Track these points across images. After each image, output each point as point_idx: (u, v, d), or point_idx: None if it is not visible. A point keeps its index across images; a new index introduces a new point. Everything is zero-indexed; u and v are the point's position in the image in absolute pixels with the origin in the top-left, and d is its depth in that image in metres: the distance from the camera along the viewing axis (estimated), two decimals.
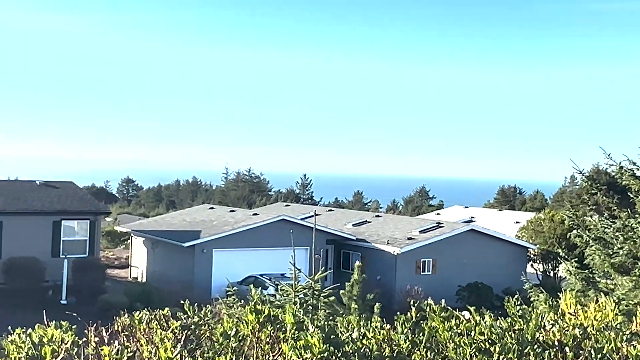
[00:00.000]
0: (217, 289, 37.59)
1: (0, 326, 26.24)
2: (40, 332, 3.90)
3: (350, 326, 4.67)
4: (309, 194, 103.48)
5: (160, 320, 4.22)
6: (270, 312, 4.05)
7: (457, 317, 4.52)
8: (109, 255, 51.20)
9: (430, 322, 4.51)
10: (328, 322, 6.33)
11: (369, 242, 41.96)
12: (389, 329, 4.49)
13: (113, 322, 5.28)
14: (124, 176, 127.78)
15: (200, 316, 4.32)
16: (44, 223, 37.15)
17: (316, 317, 8.29)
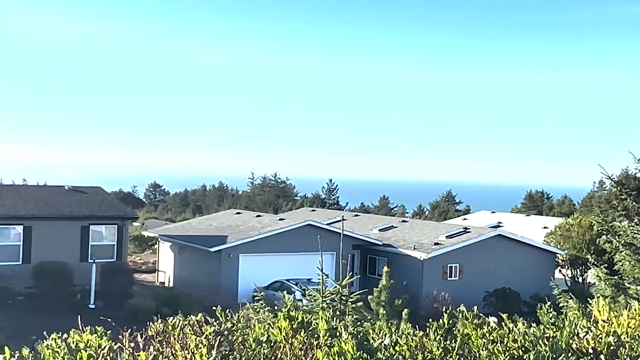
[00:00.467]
0: (243, 293, 37.66)
1: (32, 330, 26.43)
2: (76, 337, 3.91)
3: (381, 332, 4.65)
4: (335, 199, 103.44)
5: (193, 326, 4.23)
6: (303, 319, 4.05)
7: (490, 323, 4.48)
8: (136, 260, 51.52)
9: (462, 329, 4.47)
10: (356, 327, 6.31)
11: (396, 247, 41.83)
12: (422, 336, 4.46)
13: (143, 327, 5.30)
14: (151, 181, 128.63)
15: (233, 322, 4.32)
16: (73, 228, 37.50)
17: (344, 323, 8.28)
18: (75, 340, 3.93)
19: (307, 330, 4.04)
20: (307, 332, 4.04)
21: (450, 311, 5.06)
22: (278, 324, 4.07)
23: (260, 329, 4.09)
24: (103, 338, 3.96)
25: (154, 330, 4.31)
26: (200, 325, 4.24)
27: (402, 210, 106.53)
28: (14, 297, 33.97)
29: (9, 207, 36.90)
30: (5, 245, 36.28)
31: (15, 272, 35.22)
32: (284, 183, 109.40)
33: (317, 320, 4.12)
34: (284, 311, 4.14)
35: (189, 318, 4.44)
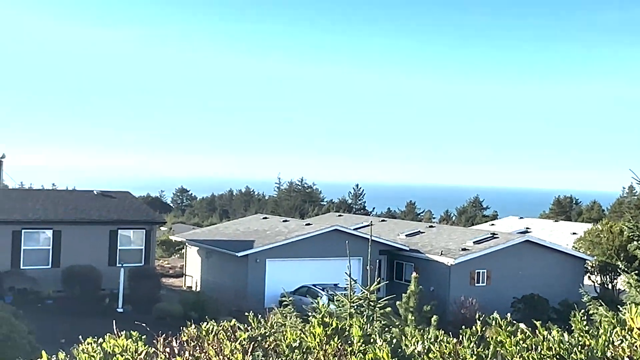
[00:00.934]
0: (270, 298, 37.73)
1: (61, 334, 26.60)
2: (112, 342, 3.94)
3: (414, 339, 4.63)
4: (362, 204, 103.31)
5: (227, 331, 4.23)
6: (337, 325, 4.03)
7: (523, 331, 4.44)
8: (163, 264, 51.81)
9: (495, 336, 4.44)
10: (384, 334, 6.28)
11: (423, 253, 41.68)
12: (455, 343, 4.43)
13: (172, 332, 5.31)
14: (178, 186, 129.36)
15: (266, 328, 4.32)
16: (101, 232, 37.80)
17: (372, 329, 8.23)
18: (111, 345, 3.95)
19: (341, 337, 4.03)
20: (341, 339, 4.03)
21: (483, 318, 5.02)
22: (312, 330, 4.06)
23: (292, 335, 4.10)
24: (138, 343, 3.97)
25: (187, 335, 4.32)
26: (234, 330, 4.25)
27: (429, 215, 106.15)
28: (43, 300, 34.30)
29: (39, 211, 37.30)
30: (36, 250, 36.66)
31: (44, 276, 35.59)
32: (310, 188, 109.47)
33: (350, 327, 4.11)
34: (318, 317, 4.14)
35: (222, 323, 4.44)
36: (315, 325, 4.09)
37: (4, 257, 35.49)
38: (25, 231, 36.29)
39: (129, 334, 4.23)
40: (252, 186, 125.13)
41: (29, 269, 35.81)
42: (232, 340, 4.04)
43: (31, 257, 36.33)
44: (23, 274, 35.37)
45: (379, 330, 10.89)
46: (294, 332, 4.15)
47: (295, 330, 4.19)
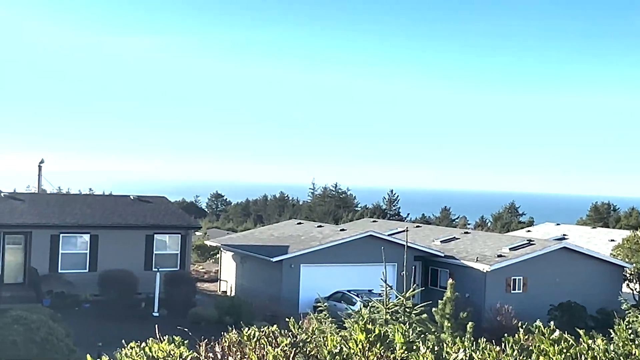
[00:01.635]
0: (304, 303, 37.74)
1: (98, 337, 26.78)
2: (155, 346, 3.95)
3: (455, 346, 4.58)
4: (396, 209, 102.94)
5: (269, 337, 4.23)
6: (380, 331, 4.00)
7: (566, 339, 4.37)
8: (198, 269, 52.10)
9: (538, 344, 4.37)
10: (419, 340, 6.22)
11: (458, 259, 41.41)
12: (499, 351, 4.37)
13: (205, 336, 5.31)
14: (212, 191, 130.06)
15: (307, 333, 4.31)
16: (137, 237, 38.12)
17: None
18: (155, 350, 3.96)
19: (384, 344, 4.00)
20: (384, 345, 4.00)
21: (526, 326, 4.96)
22: (354, 337, 4.03)
23: (333, 341, 4.08)
24: (181, 347, 3.98)
25: (228, 341, 4.32)
26: (276, 336, 4.24)
27: (464, 221, 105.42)
28: (80, 304, 34.68)
29: (77, 216, 37.73)
30: (73, 254, 37.07)
31: (82, 280, 35.98)
32: (344, 193, 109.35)
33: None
34: (361, 324, 4.11)
35: (263, 329, 4.44)
36: (358, 332, 4.06)
37: (43, 261, 35.96)
38: (63, 235, 36.73)
39: (172, 338, 4.24)
40: (286, 191, 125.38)
41: (66, 273, 36.25)
42: (274, 346, 4.03)
43: (69, 261, 36.76)
44: (61, 278, 35.80)
45: (415, 336, 10.82)
46: (335, 338, 4.14)
47: (336, 336, 4.17)
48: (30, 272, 35.78)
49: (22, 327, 21.98)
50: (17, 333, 21.35)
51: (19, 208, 37.52)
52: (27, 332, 21.94)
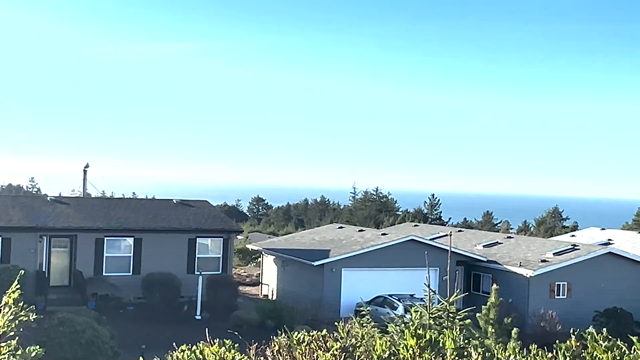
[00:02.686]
0: (345, 308, 37.69)
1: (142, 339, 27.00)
2: (207, 349, 3.97)
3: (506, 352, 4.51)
4: (437, 213, 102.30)
5: (318, 341, 4.21)
6: (431, 337, 3.97)
7: (619, 346, 4.28)
8: (240, 273, 52.32)
9: (591, 351, 4.29)
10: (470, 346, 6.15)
11: (501, 264, 40.98)
12: (550, 358, 4.30)
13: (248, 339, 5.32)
14: (254, 195, 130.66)
15: (357, 338, 4.29)
16: (180, 240, 38.44)
17: None
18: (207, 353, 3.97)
19: (434, 349, 3.96)
20: (434, 351, 3.96)
21: (579, 332, 4.87)
22: (404, 341, 4.00)
23: (382, 346, 4.05)
24: (232, 351, 3.99)
25: (278, 345, 4.32)
26: (326, 340, 4.22)
27: (507, 226, 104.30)
28: (124, 307, 35.07)
29: (121, 219, 38.18)
30: (117, 257, 37.53)
31: (126, 283, 36.40)
32: (385, 197, 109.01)
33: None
34: (412, 329, 4.08)
35: (313, 333, 4.42)
36: (408, 337, 4.03)
37: (88, 264, 36.46)
38: (107, 239, 37.21)
39: (222, 341, 4.25)
40: (327, 195, 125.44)
41: (110, 276, 36.70)
42: (324, 350, 4.01)
43: (113, 264, 37.22)
44: (105, 281, 36.26)
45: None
46: (384, 343, 4.11)
47: (384, 341, 4.14)
48: (76, 275, 36.30)
49: (68, 329, 22.31)
50: (63, 335, 21.69)
51: (64, 212, 38.10)
52: (72, 334, 22.27)
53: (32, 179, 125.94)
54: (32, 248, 35.49)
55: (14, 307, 3.67)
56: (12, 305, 3.67)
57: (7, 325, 3.64)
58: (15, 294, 3.69)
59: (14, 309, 3.67)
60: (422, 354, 3.98)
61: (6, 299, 3.71)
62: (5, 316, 3.64)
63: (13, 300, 3.66)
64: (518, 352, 4.56)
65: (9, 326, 3.65)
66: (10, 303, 3.65)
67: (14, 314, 3.64)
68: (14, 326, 3.67)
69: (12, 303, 3.66)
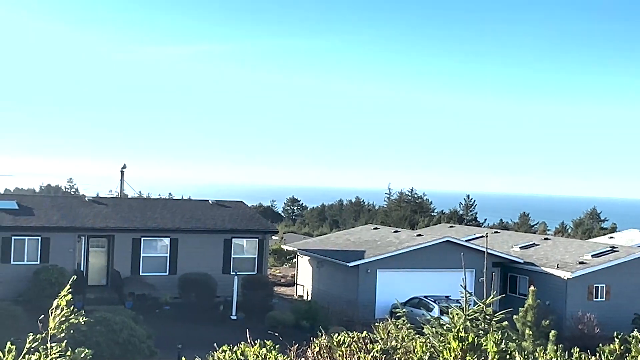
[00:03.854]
0: (380, 309, 37.59)
1: (178, 338, 27.11)
2: (249, 350, 3.97)
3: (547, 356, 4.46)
4: (473, 214, 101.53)
5: (359, 342, 4.20)
6: (474, 340, 3.94)
7: None
8: (275, 273, 52.45)
9: (635, 355, 4.22)
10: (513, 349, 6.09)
11: (538, 266, 40.57)
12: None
13: (284, 340, 5.31)
14: (289, 196, 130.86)
15: (397, 340, 4.27)
16: (216, 241, 38.64)
17: None
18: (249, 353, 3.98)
19: (477, 352, 3.93)
20: (477, 354, 3.93)
21: (622, 336, 4.80)
22: (447, 344, 3.97)
23: (422, 347, 4.03)
24: (272, 352, 3.99)
25: (318, 346, 4.31)
26: (366, 342, 4.21)
27: (544, 227, 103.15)
28: (161, 306, 35.34)
29: (157, 220, 38.50)
30: (154, 257, 37.83)
31: (162, 283, 36.68)
32: (420, 198, 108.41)
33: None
34: (454, 331, 4.05)
35: (352, 334, 4.41)
36: (451, 339, 4.00)
37: (125, 264, 36.82)
38: (144, 239, 37.53)
39: (263, 342, 4.26)
40: (362, 196, 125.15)
41: (147, 276, 37.01)
42: (365, 352, 4.00)
43: (150, 264, 37.53)
44: (142, 280, 36.58)
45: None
46: (425, 345, 4.08)
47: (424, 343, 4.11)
48: (113, 275, 36.68)
49: (105, 329, 22.53)
50: (100, 334, 21.90)
51: (102, 212, 38.53)
52: (109, 333, 22.49)
53: (70, 179, 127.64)
54: (70, 248, 35.93)
55: (65, 309, 3.72)
56: (64, 307, 3.72)
57: (57, 327, 3.69)
58: (67, 297, 3.74)
59: (66, 311, 3.72)
60: (465, 356, 3.95)
61: (58, 301, 3.77)
62: (57, 318, 3.69)
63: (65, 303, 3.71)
64: (560, 356, 4.50)
65: (60, 328, 3.70)
66: (63, 305, 3.70)
67: (65, 316, 3.69)
68: (64, 328, 3.71)
69: (64, 305, 3.70)
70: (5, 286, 33.47)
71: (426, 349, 4.12)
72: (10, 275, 34.15)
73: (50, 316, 3.86)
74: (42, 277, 33.18)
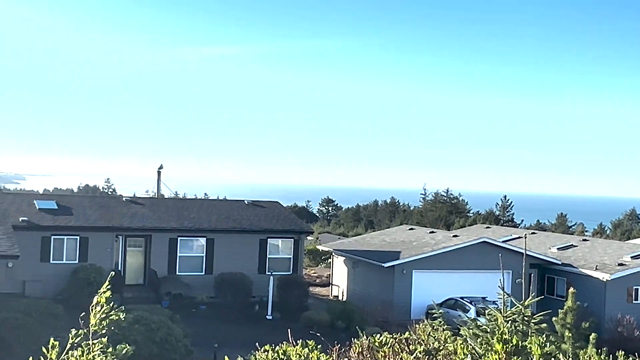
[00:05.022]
0: (416, 310, 37.42)
1: (214, 338, 27.25)
2: (291, 350, 3.97)
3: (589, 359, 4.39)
4: (510, 215, 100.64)
5: (401, 343, 4.18)
6: (518, 342, 3.89)
7: None
8: (310, 273, 52.50)
9: None
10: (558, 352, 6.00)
11: (576, 267, 40.08)
12: None
13: (320, 340, 5.29)
14: (324, 196, 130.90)
15: (440, 341, 4.24)
16: (252, 241, 38.78)
17: None
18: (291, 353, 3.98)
19: (522, 355, 3.87)
20: (521, 357, 3.87)
21: None
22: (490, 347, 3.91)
23: (464, 349, 3.98)
24: (314, 352, 3.98)
25: (360, 346, 4.29)
26: (409, 343, 4.18)
27: (582, 228, 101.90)
28: (197, 306, 35.56)
29: (194, 220, 38.74)
30: (190, 257, 38.08)
31: (198, 282, 36.92)
32: (456, 199, 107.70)
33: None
34: (498, 334, 4.00)
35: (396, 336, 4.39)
36: (495, 342, 3.95)
37: (162, 264, 37.12)
38: (181, 239, 37.80)
39: (305, 342, 4.25)
40: (397, 196, 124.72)
41: (183, 275, 37.27)
42: (407, 353, 3.97)
43: (186, 264, 37.78)
44: (178, 280, 36.84)
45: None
46: (467, 347, 4.04)
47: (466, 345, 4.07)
48: (150, 274, 36.99)
49: (143, 327, 22.72)
50: (138, 333, 22.08)
51: (139, 212, 38.88)
52: (147, 332, 22.68)
53: (108, 179, 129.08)
54: (108, 247, 36.32)
55: (105, 306, 3.76)
56: (104, 304, 3.76)
57: (98, 323, 3.73)
58: (107, 294, 3.78)
59: (106, 308, 3.76)
60: (509, 359, 3.90)
61: (98, 298, 3.81)
62: (97, 315, 3.73)
63: (105, 300, 3.75)
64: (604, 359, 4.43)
65: (101, 325, 3.74)
66: (103, 302, 3.74)
67: (105, 313, 3.73)
68: (105, 325, 3.76)
69: (104, 302, 3.75)
70: (45, 285, 33.94)
71: (467, 350, 4.08)
72: (50, 274, 34.62)
73: (91, 313, 3.90)
74: (80, 276, 33.58)
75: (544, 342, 4.24)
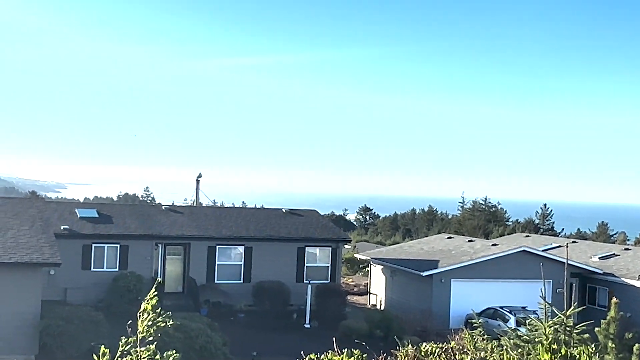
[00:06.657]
0: (455, 319, 37.15)
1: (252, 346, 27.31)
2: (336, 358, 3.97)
3: None
4: (549, 224, 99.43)
5: (447, 353, 4.15)
6: (567, 352, 3.84)
7: None
8: (348, 282, 52.39)
9: None
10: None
11: (618, 277, 39.46)
12: None
13: (356, 348, 5.27)
14: (361, 204, 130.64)
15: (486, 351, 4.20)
16: (289, 249, 38.85)
17: None
18: None
19: None
20: None
21: None
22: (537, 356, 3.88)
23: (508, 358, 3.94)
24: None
25: (404, 355, 4.27)
26: (454, 352, 4.15)
27: (623, 237, 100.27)
28: (235, 314, 35.71)
29: (232, 228, 38.93)
30: (228, 265, 38.26)
31: (236, 291, 37.07)
32: (494, 207, 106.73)
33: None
34: (546, 343, 3.96)
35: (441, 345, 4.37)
36: (542, 352, 3.91)
37: (201, 272, 37.35)
38: (219, 247, 38.01)
39: (350, 351, 4.25)
40: (435, 205, 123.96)
41: (222, 283, 37.45)
42: None
43: (224, 272, 37.97)
44: (217, 288, 37.03)
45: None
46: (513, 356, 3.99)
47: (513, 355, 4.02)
48: (189, 282, 37.24)
49: (182, 335, 22.89)
50: (178, 340, 22.25)
51: (178, 220, 39.18)
52: (186, 339, 22.84)
53: (147, 188, 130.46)
54: (148, 255, 36.65)
55: (152, 313, 3.81)
56: (151, 311, 3.80)
57: (146, 330, 3.77)
58: (153, 301, 3.82)
59: (152, 315, 3.81)
60: None
61: (145, 305, 3.86)
62: (145, 322, 3.77)
63: (151, 307, 3.79)
64: None
65: (148, 331, 3.78)
66: (149, 309, 3.79)
67: (152, 320, 3.77)
68: (152, 332, 3.80)
69: (150, 309, 3.79)
70: (86, 292, 34.34)
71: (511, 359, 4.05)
72: (91, 282, 35.03)
73: (139, 320, 3.95)
74: (120, 284, 33.91)
75: (593, 351, 4.18)
